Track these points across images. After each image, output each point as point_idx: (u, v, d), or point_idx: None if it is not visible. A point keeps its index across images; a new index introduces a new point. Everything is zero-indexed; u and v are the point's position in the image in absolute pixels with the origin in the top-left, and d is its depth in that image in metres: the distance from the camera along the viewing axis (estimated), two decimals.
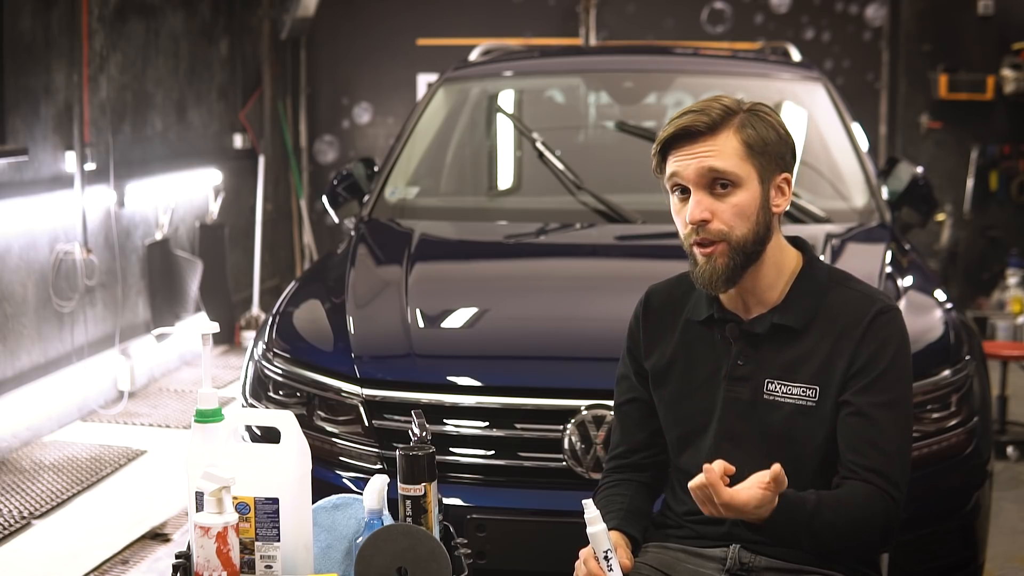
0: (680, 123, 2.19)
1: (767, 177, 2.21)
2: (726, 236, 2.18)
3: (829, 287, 2.27)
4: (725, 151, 2.17)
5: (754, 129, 2.20)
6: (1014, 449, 5.58)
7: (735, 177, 2.18)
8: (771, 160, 2.21)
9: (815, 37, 8.62)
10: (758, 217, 2.19)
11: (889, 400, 2.17)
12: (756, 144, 2.19)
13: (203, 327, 2.18)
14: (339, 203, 4.50)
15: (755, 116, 2.21)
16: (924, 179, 4.36)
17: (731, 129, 2.19)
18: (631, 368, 2.41)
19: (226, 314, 7.38)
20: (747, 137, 2.19)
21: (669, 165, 2.22)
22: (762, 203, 2.20)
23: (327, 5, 8.59)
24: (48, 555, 4.30)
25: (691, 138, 2.19)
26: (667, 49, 5.74)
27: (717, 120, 2.18)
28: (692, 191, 2.19)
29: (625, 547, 2.24)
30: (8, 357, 5.35)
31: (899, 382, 2.19)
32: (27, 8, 5.41)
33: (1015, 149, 8.31)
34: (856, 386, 2.18)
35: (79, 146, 5.80)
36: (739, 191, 2.18)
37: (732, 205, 2.18)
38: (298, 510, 2.09)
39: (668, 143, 2.21)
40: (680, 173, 2.20)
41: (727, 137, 2.18)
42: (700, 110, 2.20)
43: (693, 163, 2.18)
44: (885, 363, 2.18)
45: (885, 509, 2.13)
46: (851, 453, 2.16)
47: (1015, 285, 7.85)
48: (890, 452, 2.15)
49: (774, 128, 2.22)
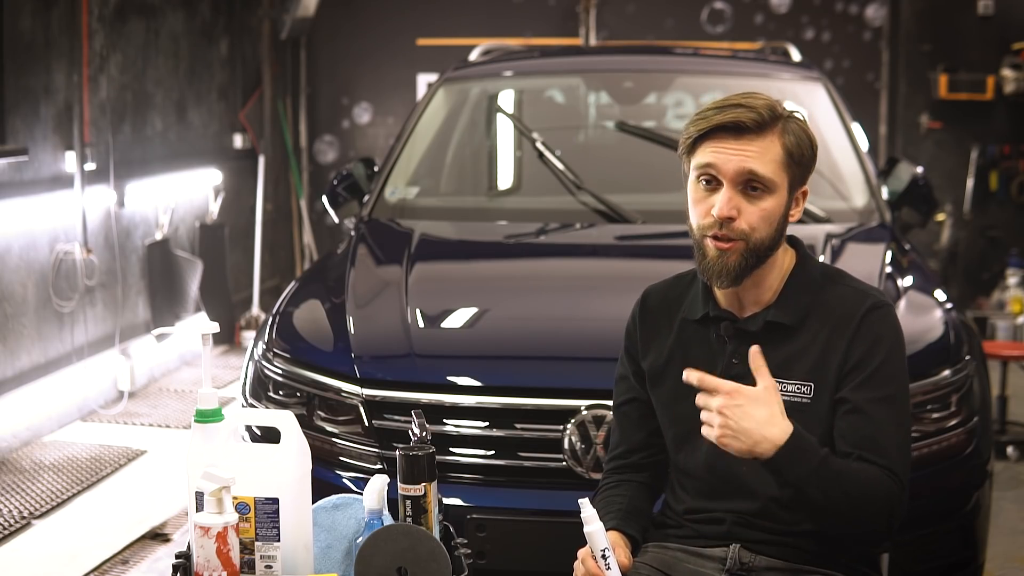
0: (730, 116, 2.16)
1: (795, 187, 2.22)
2: (747, 237, 2.17)
3: (823, 284, 2.27)
4: (768, 155, 2.16)
5: (795, 138, 2.19)
6: (1014, 449, 5.58)
7: (771, 183, 2.17)
8: (802, 172, 2.22)
9: (815, 37, 8.62)
10: (779, 224, 2.20)
11: (886, 395, 2.17)
12: (796, 154, 2.19)
13: (203, 327, 2.18)
14: (339, 203, 4.50)
15: (797, 124, 2.21)
16: (924, 179, 4.36)
17: (776, 133, 2.18)
18: (629, 368, 2.41)
19: (226, 314, 7.38)
20: (789, 145, 2.18)
21: (703, 153, 2.18)
22: (785, 211, 2.21)
23: (327, 5, 8.59)
24: (48, 555, 4.30)
25: (735, 132, 2.16)
26: (667, 49, 5.74)
27: (766, 120, 2.16)
28: (725, 186, 2.17)
29: (624, 546, 2.24)
30: (8, 357, 5.35)
31: (894, 377, 2.19)
32: (27, 8, 5.41)
33: (1015, 149, 8.31)
34: (852, 382, 2.18)
35: (79, 146, 5.80)
36: (770, 197, 2.17)
37: (760, 209, 2.17)
38: (298, 510, 2.09)
39: (708, 132, 2.18)
40: (718, 166, 2.17)
41: (772, 141, 2.17)
42: (748, 106, 2.16)
43: (735, 159, 2.16)
44: (880, 358, 2.18)
45: (888, 491, 2.11)
46: (849, 447, 2.15)
47: (1015, 285, 7.86)
48: (890, 447, 2.14)
49: (810, 140, 2.22)
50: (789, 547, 2.22)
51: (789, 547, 2.22)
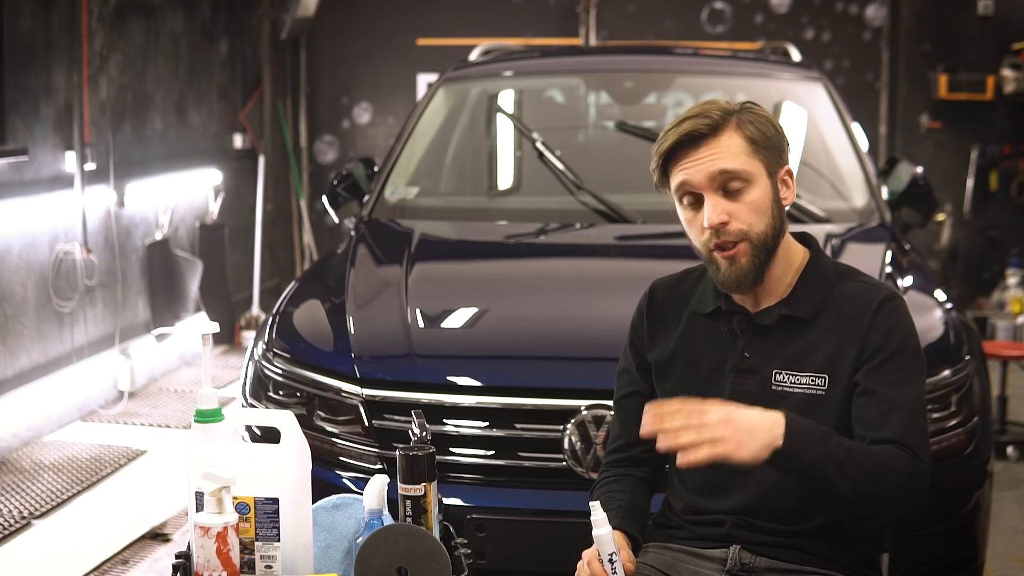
0: (681, 130, 2.18)
1: (773, 171, 2.23)
2: (746, 235, 2.18)
3: (835, 280, 2.28)
4: (731, 150, 2.18)
5: (753, 124, 2.21)
6: (1014, 449, 5.58)
7: (746, 174, 2.18)
8: (774, 153, 2.23)
9: (815, 37, 8.62)
10: (773, 211, 2.21)
11: (901, 379, 2.17)
12: (759, 139, 2.20)
13: (203, 327, 2.18)
14: (339, 203, 4.50)
15: (750, 113, 2.23)
16: (924, 179, 4.36)
17: (731, 128, 2.19)
18: (633, 362, 2.41)
19: (226, 314, 7.38)
20: (749, 132, 2.20)
21: (675, 176, 2.21)
22: (774, 197, 2.22)
23: (327, 5, 8.59)
24: (48, 555, 4.30)
25: (693, 144, 2.18)
26: (667, 49, 5.74)
27: (718, 121, 2.19)
28: (705, 196, 2.18)
29: (627, 548, 2.24)
30: (8, 357, 5.35)
31: (910, 363, 2.19)
32: (27, 8, 5.41)
33: (1015, 149, 8.31)
34: (867, 367, 2.18)
35: (79, 146, 5.80)
36: (752, 188, 2.19)
37: (748, 203, 2.18)
38: (298, 510, 2.09)
39: (670, 153, 2.21)
40: (690, 181, 2.19)
41: (729, 136, 2.19)
42: (697, 115, 2.19)
43: (702, 167, 2.17)
44: (895, 346, 2.18)
45: (907, 467, 2.08)
46: (866, 429, 2.14)
47: (1015, 285, 7.86)
48: (906, 425, 2.12)
49: (770, 122, 2.24)
50: (789, 548, 2.22)
51: (789, 548, 2.22)
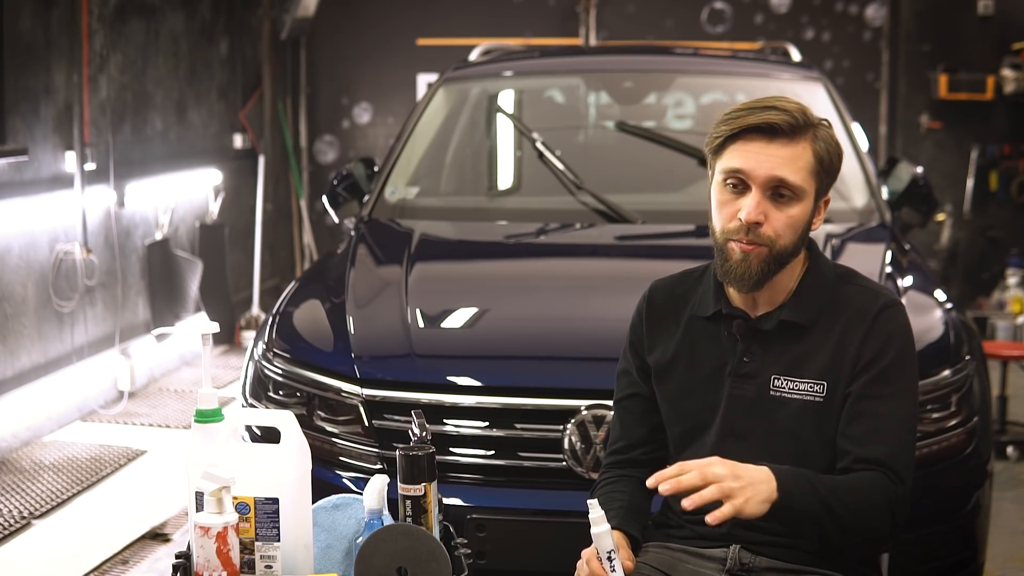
0: (764, 117, 2.13)
1: (820, 195, 2.21)
2: (771, 243, 2.16)
3: (835, 284, 2.27)
4: (799, 162, 2.15)
5: (825, 145, 2.18)
6: (1014, 449, 5.58)
7: (800, 191, 2.16)
8: (830, 180, 2.21)
9: (815, 37, 8.62)
10: (802, 232, 2.19)
11: (893, 392, 2.17)
12: (825, 162, 2.18)
13: (203, 327, 2.18)
14: (339, 203, 4.50)
15: (827, 132, 2.19)
16: (924, 179, 4.36)
17: (808, 139, 2.16)
18: (633, 363, 2.40)
19: (226, 314, 7.38)
20: (820, 152, 2.17)
21: (732, 155, 2.16)
22: (809, 219, 2.20)
23: (327, 5, 8.59)
24: (48, 555, 4.30)
25: (769, 135, 2.14)
26: (667, 49, 5.74)
27: (799, 125, 2.15)
28: (754, 191, 2.15)
29: (627, 547, 2.24)
30: (8, 357, 5.35)
31: (903, 376, 2.19)
32: (27, 8, 5.41)
33: (1015, 149, 8.31)
34: (862, 379, 2.17)
35: (79, 146, 5.80)
36: (797, 204, 2.16)
37: (788, 216, 2.16)
38: (298, 510, 2.09)
39: (739, 133, 2.15)
40: (747, 171, 2.15)
41: (804, 148, 2.16)
42: (782, 108, 2.14)
43: (766, 165, 2.13)
44: (890, 357, 2.18)
45: (888, 497, 2.11)
46: (853, 445, 2.15)
47: (1015, 285, 7.86)
48: (893, 445, 2.14)
49: (838, 148, 2.21)
50: (789, 548, 2.22)
51: (789, 548, 2.22)
